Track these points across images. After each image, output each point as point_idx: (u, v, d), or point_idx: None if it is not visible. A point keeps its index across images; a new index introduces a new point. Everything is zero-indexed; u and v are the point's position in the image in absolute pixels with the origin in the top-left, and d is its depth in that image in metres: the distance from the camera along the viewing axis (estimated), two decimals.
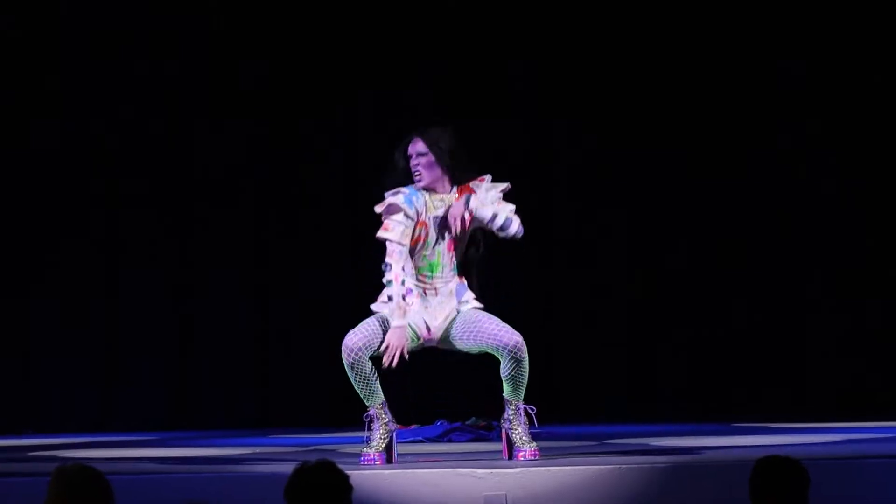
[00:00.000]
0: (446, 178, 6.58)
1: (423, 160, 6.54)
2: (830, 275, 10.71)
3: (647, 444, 7.81)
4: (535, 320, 10.28)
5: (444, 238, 6.52)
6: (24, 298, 10.57)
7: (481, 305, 6.56)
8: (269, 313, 10.77)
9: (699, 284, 10.74)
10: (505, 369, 6.44)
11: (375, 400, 6.46)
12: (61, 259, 10.57)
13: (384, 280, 6.50)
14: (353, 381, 6.43)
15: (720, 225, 10.76)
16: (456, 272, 6.57)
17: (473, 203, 6.48)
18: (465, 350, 6.57)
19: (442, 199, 6.55)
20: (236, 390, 10.70)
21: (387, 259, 6.46)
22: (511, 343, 6.38)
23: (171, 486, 5.90)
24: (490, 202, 6.52)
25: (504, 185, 6.59)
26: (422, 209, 6.51)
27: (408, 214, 6.45)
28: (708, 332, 10.71)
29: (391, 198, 6.49)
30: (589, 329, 10.73)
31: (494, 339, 6.42)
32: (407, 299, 6.46)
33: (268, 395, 10.73)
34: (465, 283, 6.60)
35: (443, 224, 6.51)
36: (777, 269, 10.73)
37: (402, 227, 6.44)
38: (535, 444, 6.44)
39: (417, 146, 6.55)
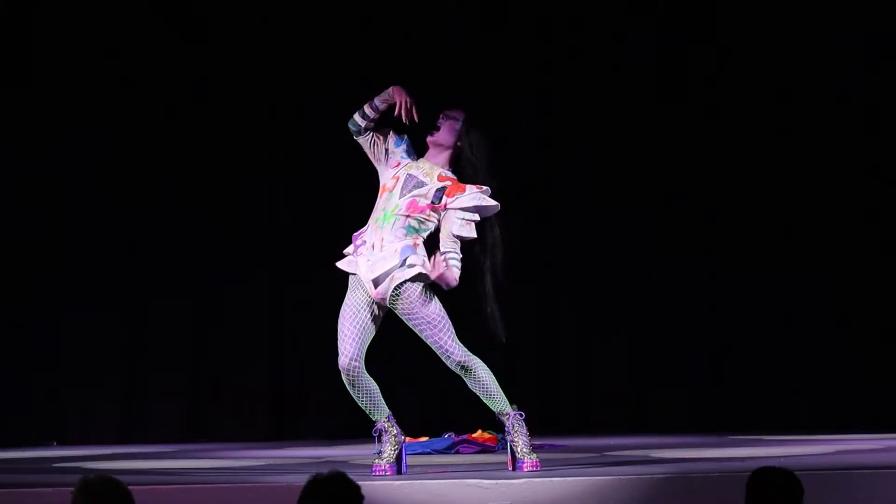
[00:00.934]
0: (447, 156, 6.63)
1: (446, 123, 6.57)
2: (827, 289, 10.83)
3: (647, 456, 7.87)
4: (533, 334, 10.44)
5: (407, 194, 6.50)
6: (52, 315, 10.73)
7: (426, 270, 6.43)
8: (284, 327, 10.90)
9: (697, 297, 10.87)
10: (468, 384, 6.51)
11: (381, 414, 6.55)
12: (87, 277, 10.71)
13: (357, 116, 6.55)
14: (356, 399, 6.53)
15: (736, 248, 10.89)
16: (408, 233, 6.49)
17: (457, 204, 6.50)
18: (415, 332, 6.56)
19: (424, 165, 6.57)
20: (251, 404, 10.90)
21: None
22: (453, 363, 6.46)
23: (189, 497, 5.99)
24: (467, 216, 6.50)
25: (495, 204, 6.53)
26: (402, 161, 6.57)
27: (392, 150, 6.56)
28: (709, 345, 10.88)
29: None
30: (590, 342, 10.84)
31: (442, 355, 6.47)
32: (359, 250, 6.49)
33: (281, 408, 10.90)
34: (418, 249, 6.51)
35: (413, 184, 6.51)
36: (774, 280, 10.83)
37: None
38: (535, 455, 6.52)
39: (454, 112, 6.59)
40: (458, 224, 6.52)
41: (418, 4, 10.67)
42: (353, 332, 6.47)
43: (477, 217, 6.55)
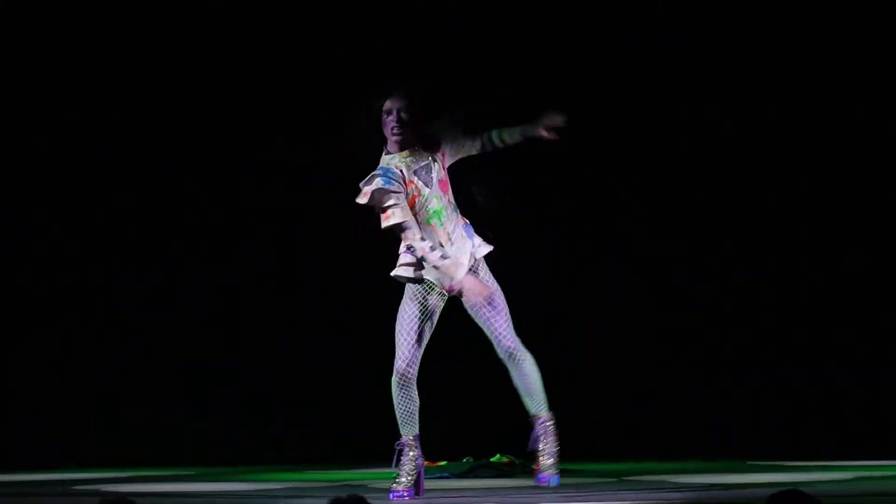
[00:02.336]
0: (415, 141, 6.56)
1: (394, 117, 6.50)
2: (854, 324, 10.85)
3: (665, 481, 7.88)
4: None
5: (433, 182, 6.51)
6: (66, 335, 10.84)
7: (490, 248, 6.52)
8: (302, 351, 10.94)
9: (715, 322, 10.90)
10: (512, 377, 6.52)
11: (411, 431, 6.53)
12: (101, 297, 10.81)
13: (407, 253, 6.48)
14: (396, 406, 6.51)
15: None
16: (457, 213, 6.56)
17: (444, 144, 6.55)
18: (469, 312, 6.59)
19: (411, 154, 6.54)
20: (271, 427, 10.95)
21: (407, 242, 6.45)
22: (504, 348, 6.48)
23: None
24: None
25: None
26: (401, 180, 6.48)
27: (395, 191, 6.45)
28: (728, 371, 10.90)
29: (369, 187, 6.45)
30: (609, 367, 10.86)
31: (494, 337, 6.50)
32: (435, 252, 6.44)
33: (302, 432, 10.96)
34: (468, 223, 6.60)
35: (425, 172, 6.50)
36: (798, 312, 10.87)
37: (400, 207, 6.44)
38: (555, 470, 6.50)
39: (395, 102, 6.52)
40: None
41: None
42: (412, 337, 6.51)
43: None
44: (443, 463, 8.90)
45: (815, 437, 10.51)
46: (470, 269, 6.50)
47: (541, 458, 6.54)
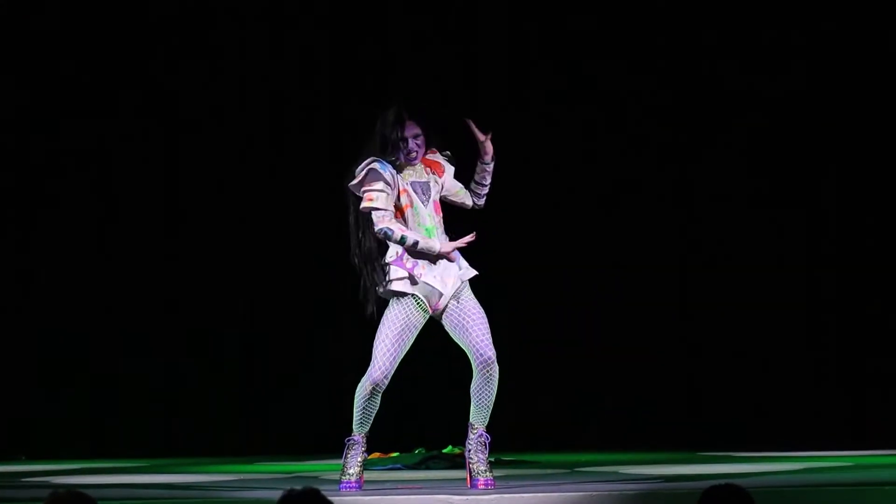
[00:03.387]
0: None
1: (420, 141, 6.62)
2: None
3: (616, 472, 7.93)
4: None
5: (429, 201, 6.61)
6: (25, 325, 10.81)
7: (476, 273, 6.62)
8: (255, 345, 10.97)
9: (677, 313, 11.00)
10: (474, 384, 6.56)
11: (364, 430, 6.63)
12: (64, 283, 10.80)
13: (392, 244, 6.53)
14: (357, 407, 6.58)
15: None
16: (445, 235, 6.64)
17: (447, 177, 6.68)
18: (448, 332, 6.64)
19: (412, 167, 6.64)
20: (221, 420, 10.93)
21: (380, 226, 6.49)
22: (484, 356, 6.52)
23: None
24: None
25: (446, 153, 6.73)
26: (394, 179, 6.57)
27: (387, 181, 6.52)
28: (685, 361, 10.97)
29: (364, 165, 6.54)
30: (567, 358, 10.92)
31: (473, 347, 6.55)
32: (415, 271, 6.54)
33: (251, 424, 10.96)
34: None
35: (421, 189, 6.61)
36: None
37: (385, 195, 6.50)
38: (490, 474, 6.58)
39: (415, 129, 6.63)
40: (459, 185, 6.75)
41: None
42: (395, 350, 6.55)
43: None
44: (395, 454, 8.93)
45: (772, 428, 10.61)
46: (454, 293, 6.57)
47: (473, 466, 6.62)
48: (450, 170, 6.73)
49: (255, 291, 10.96)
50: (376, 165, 6.55)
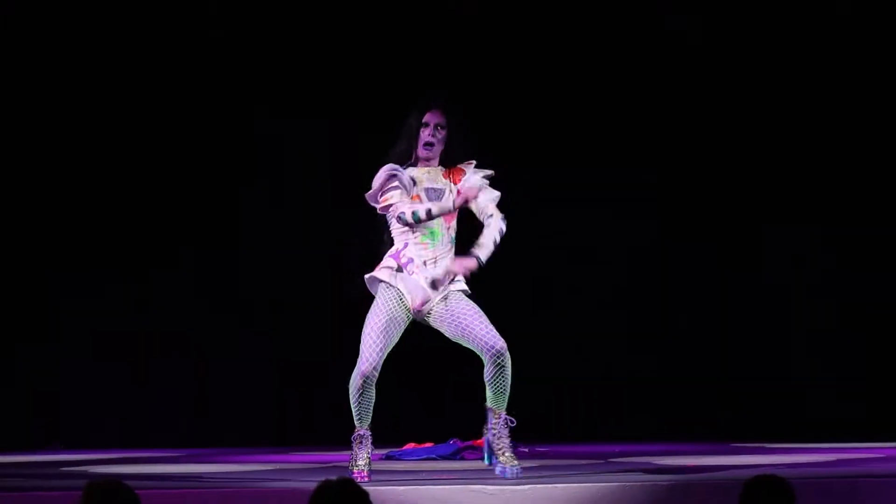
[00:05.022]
0: (440, 156, 6.67)
1: (440, 133, 6.61)
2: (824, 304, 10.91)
3: (650, 463, 7.93)
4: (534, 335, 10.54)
5: None
6: (54, 319, 10.86)
7: (469, 291, 6.62)
8: (285, 335, 11.03)
9: (699, 305, 10.99)
10: (487, 373, 6.55)
11: (367, 422, 6.64)
12: (91, 285, 10.86)
13: (404, 226, 6.53)
14: (354, 404, 6.59)
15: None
16: (452, 246, 6.64)
17: (479, 191, 6.58)
18: (446, 335, 6.66)
19: (429, 172, 6.63)
20: (255, 409, 10.98)
21: (396, 213, 6.52)
22: (495, 348, 6.49)
23: (196, 501, 6.05)
24: (482, 190, 6.60)
25: (489, 172, 6.67)
26: (409, 183, 6.57)
27: (403, 184, 6.53)
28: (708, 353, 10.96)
29: (379, 177, 6.55)
30: (590, 350, 10.93)
31: (479, 341, 6.52)
32: (408, 268, 6.56)
33: (285, 414, 11.00)
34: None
35: (436, 197, 6.57)
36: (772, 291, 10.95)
37: (400, 192, 6.52)
38: (517, 462, 6.60)
39: (438, 117, 6.63)
40: (483, 198, 6.62)
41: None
42: (381, 342, 6.56)
43: (486, 182, 6.66)
44: (429, 444, 8.95)
45: (797, 420, 10.60)
46: (444, 296, 6.56)
47: (497, 452, 6.63)
48: (475, 181, 6.61)
49: (289, 278, 10.95)
50: (391, 167, 6.55)
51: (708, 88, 10.87)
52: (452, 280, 6.62)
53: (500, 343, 6.51)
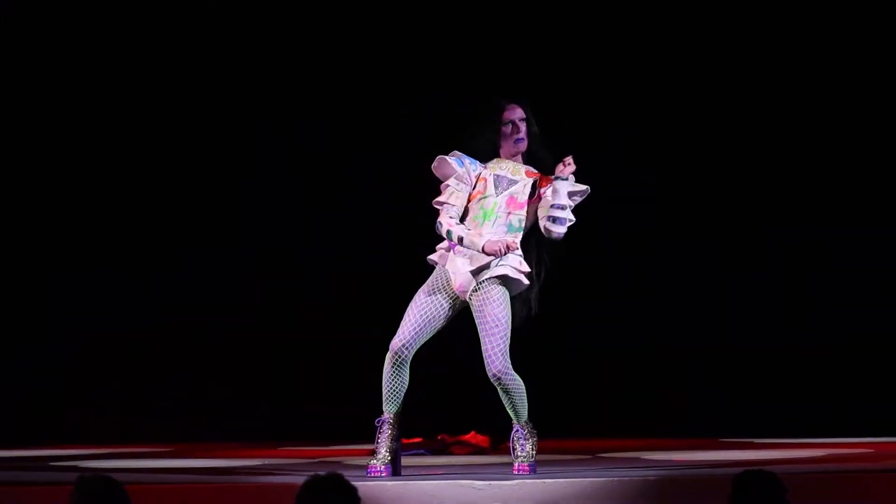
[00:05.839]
0: (527, 151, 6.65)
1: (524, 126, 6.60)
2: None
3: (638, 458, 7.96)
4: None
5: (504, 192, 6.53)
6: (49, 311, 10.88)
7: (505, 272, 6.48)
8: (278, 330, 11.01)
9: (692, 301, 11.00)
10: (499, 393, 6.52)
11: (393, 408, 6.53)
12: (88, 278, 10.86)
13: (445, 232, 6.50)
14: (383, 381, 6.48)
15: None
16: (508, 231, 6.52)
17: (559, 191, 6.51)
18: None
19: (507, 164, 6.58)
20: (247, 404, 10.99)
21: (438, 219, 6.51)
22: (490, 374, 6.45)
23: (186, 496, 6.02)
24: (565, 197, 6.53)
25: (584, 188, 6.60)
26: (478, 169, 6.54)
27: (459, 176, 6.52)
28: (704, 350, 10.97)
29: (444, 157, 6.54)
30: (584, 343, 10.94)
31: (486, 359, 6.46)
32: (455, 248, 6.49)
33: (277, 408, 11.02)
34: (516, 249, 6.52)
35: (505, 183, 6.53)
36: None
37: (456, 190, 6.50)
38: (525, 459, 6.55)
39: (518, 112, 6.62)
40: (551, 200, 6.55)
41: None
42: (417, 319, 6.50)
43: (570, 202, 6.60)
44: (418, 440, 8.96)
45: (788, 415, 10.62)
46: (475, 288, 6.49)
47: (516, 455, 6.60)
48: (564, 182, 6.55)
49: (283, 273, 10.97)
50: (450, 159, 6.54)
51: (708, 88, 10.86)
52: (497, 262, 6.51)
53: (496, 368, 6.44)
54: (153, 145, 10.94)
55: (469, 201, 6.57)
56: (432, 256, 6.62)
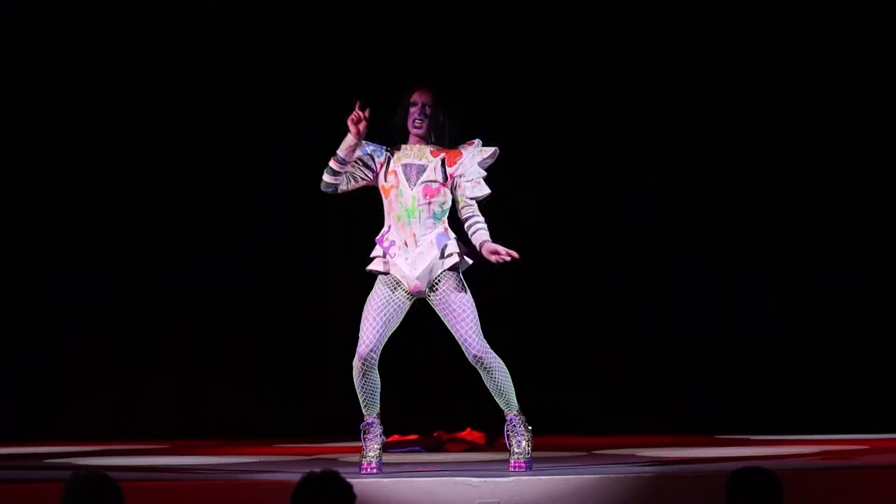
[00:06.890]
0: (430, 134, 6.67)
1: (427, 111, 6.63)
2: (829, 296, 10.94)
3: (634, 455, 7.97)
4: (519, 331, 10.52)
5: (417, 184, 6.57)
6: (45, 308, 10.88)
7: (456, 260, 6.53)
8: (277, 330, 11.02)
9: (689, 298, 10.99)
10: (482, 377, 6.56)
11: (374, 410, 6.62)
12: (88, 278, 10.86)
13: (328, 177, 6.68)
14: (358, 389, 6.57)
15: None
16: (436, 221, 6.59)
17: (461, 170, 6.58)
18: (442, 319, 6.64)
19: (412, 149, 6.64)
20: (243, 401, 10.99)
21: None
22: (470, 354, 6.51)
23: (180, 494, 6.05)
24: (474, 176, 6.58)
25: (492, 150, 6.65)
26: (382, 155, 6.63)
27: (343, 159, 6.62)
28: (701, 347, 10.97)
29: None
30: (580, 341, 10.93)
31: (461, 344, 6.53)
32: (390, 251, 6.56)
33: (272, 405, 11.02)
34: (449, 234, 6.61)
35: (415, 172, 6.58)
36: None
37: (335, 165, 6.64)
38: (522, 456, 6.59)
39: (424, 96, 6.66)
40: (470, 187, 6.61)
41: None
42: (378, 323, 6.55)
43: (484, 173, 6.64)
44: (413, 437, 8.96)
45: (783, 412, 10.62)
46: (430, 285, 6.54)
47: (510, 449, 6.63)
48: (470, 163, 6.62)
49: (278, 271, 10.98)
50: (361, 143, 6.60)
51: (708, 88, 10.86)
52: (443, 255, 6.56)
53: (474, 350, 6.50)
54: (153, 145, 10.95)
55: (385, 196, 6.64)
56: (371, 267, 6.66)
